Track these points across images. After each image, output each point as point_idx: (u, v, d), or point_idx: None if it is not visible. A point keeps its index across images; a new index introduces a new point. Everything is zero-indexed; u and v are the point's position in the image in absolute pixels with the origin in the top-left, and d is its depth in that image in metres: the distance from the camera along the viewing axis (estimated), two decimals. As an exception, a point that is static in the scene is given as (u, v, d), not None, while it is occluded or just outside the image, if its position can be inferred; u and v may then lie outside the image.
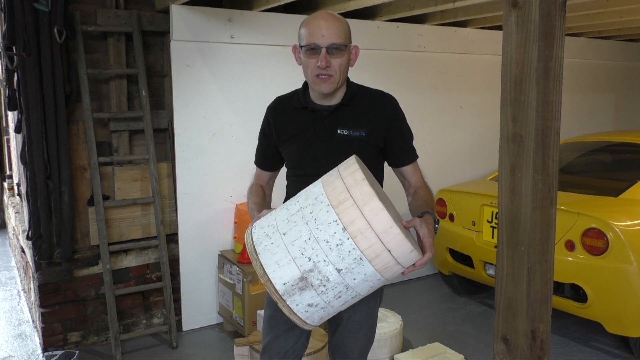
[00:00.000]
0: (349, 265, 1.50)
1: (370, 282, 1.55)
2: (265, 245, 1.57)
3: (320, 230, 1.51)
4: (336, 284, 1.51)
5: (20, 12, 3.13)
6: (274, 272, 1.53)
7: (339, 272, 1.50)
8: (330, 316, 1.64)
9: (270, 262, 1.54)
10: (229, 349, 3.54)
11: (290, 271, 1.52)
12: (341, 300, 1.57)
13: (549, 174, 1.27)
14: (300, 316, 1.56)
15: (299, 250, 1.52)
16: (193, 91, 3.71)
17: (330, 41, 1.78)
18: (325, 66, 1.78)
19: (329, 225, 1.51)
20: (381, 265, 1.51)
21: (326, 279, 1.51)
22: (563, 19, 1.24)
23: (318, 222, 1.52)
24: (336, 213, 1.51)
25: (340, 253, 1.49)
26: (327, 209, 1.53)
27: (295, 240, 1.54)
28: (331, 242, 1.50)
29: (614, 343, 3.66)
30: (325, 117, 1.90)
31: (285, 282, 1.52)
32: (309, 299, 1.53)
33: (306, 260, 1.51)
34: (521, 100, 1.25)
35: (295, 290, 1.52)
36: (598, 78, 6.33)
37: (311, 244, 1.51)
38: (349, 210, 1.51)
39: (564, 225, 3.31)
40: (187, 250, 3.82)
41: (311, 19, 1.84)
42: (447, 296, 4.52)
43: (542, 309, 1.31)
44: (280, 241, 1.56)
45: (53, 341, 3.56)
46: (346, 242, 1.49)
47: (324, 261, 1.50)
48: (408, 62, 4.64)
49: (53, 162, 3.32)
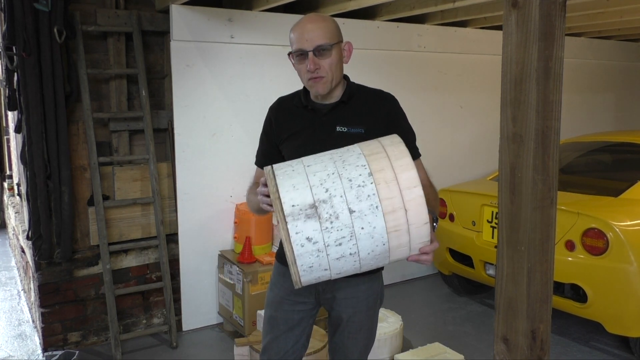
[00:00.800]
0: (363, 209, 1.46)
1: (374, 244, 1.49)
2: (285, 171, 1.54)
3: (346, 169, 1.50)
4: (343, 225, 1.46)
5: (20, 12, 3.13)
6: (286, 192, 1.48)
7: (350, 213, 1.46)
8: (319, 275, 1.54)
9: (287, 183, 1.50)
10: (229, 349, 3.54)
11: (304, 196, 1.47)
12: (339, 250, 1.49)
13: (549, 174, 1.27)
14: (294, 249, 1.47)
15: (319, 181, 1.49)
16: (193, 91, 3.71)
17: (315, 44, 1.79)
18: (314, 69, 1.80)
19: (356, 167, 1.50)
20: (393, 225, 1.47)
21: (336, 215, 1.46)
22: (563, 19, 1.24)
23: (346, 163, 1.51)
24: (366, 160, 1.50)
25: (358, 194, 1.46)
26: (358, 155, 1.53)
27: (317, 171, 1.51)
28: (354, 181, 1.47)
29: (614, 343, 3.66)
30: (324, 114, 1.91)
31: (295, 205, 1.47)
32: (311, 232, 1.46)
33: (323, 190, 1.47)
34: (521, 100, 1.25)
35: (302, 216, 1.46)
36: (598, 78, 6.33)
37: (333, 178, 1.49)
38: (380, 160, 1.50)
39: (564, 225, 3.31)
40: (187, 250, 3.82)
41: (297, 24, 1.87)
42: (447, 296, 4.52)
43: (542, 309, 1.31)
44: (302, 170, 1.53)
45: (53, 341, 3.56)
46: (368, 186, 1.47)
47: (341, 197, 1.47)
48: (408, 62, 4.64)
49: (53, 162, 3.32)
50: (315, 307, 2.03)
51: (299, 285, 1.56)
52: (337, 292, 1.95)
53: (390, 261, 1.58)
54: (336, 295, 1.96)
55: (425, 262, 1.60)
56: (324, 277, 1.56)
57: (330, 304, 1.99)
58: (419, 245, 1.54)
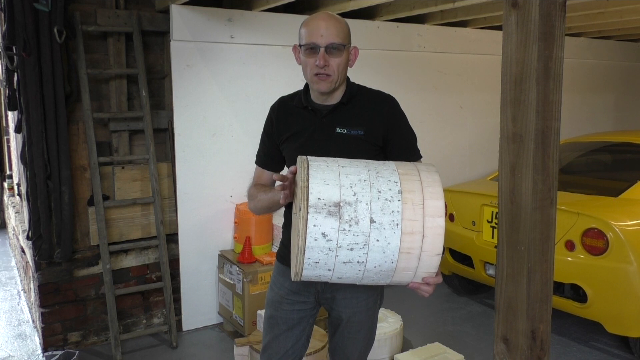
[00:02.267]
0: (383, 223, 1.49)
1: (384, 259, 1.51)
2: (319, 165, 1.57)
3: (378, 181, 1.53)
4: (360, 232, 1.48)
5: (20, 12, 3.13)
6: (316, 185, 1.50)
7: (371, 222, 1.48)
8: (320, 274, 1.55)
9: (318, 176, 1.53)
10: (229, 349, 3.54)
11: (332, 193, 1.50)
12: (349, 255, 1.50)
13: (549, 174, 1.27)
14: (307, 239, 1.48)
15: (350, 183, 1.52)
16: (193, 91, 3.71)
17: (329, 41, 1.80)
18: (323, 65, 1.80)
19: (389, 182, 1.53)
20: (407, 246, 1.49)
21: (356, 220, 1.48)
22: (563, 19, 1.24)
23: (379, 175, 1.55)
24: (399, 178, 1.54)
25: (384, 207, 1.49)
26: (392, 172, 1.57)
27: (351, 174, 1.55)
28: (382, 194, 1.51)
29: (614, 343, 3.66)
30: (324, 116, 1.91)
31: (321, 198, 1.49)
32: (328, 228, 1.48)
33: (351, 193, 1.50)
34: (521, 100, 1.25)
35: (324, 211, 1.48)
36: (598, 78, 6.33)
37: (364, 185, 1.52)
38: (412, 182, 1.54)
39: (564, 225, 3.31)
40: (187, 250, 3.82)
41: (311, 19, 1.86)
42: (447, 296, 4.52)
43: (542, 309, 1.31)
44: (337, 168, 1.56)
45: (53, 341, 3.56)
46: (395, 202, 1.50)
47: (366, 204, 1.49)
48: (408, 62, 4.64)
49: (53, 162, 3.32)
50: (315, 307, 2.03)
51: (298, 279, 1.56)
52: (337, 293, 1.95)
53: (391, 281, 1.59)
54: (336, 295, 1.96)
55: (425, 292, 1.61)
56: (324, 277, 1.57)
57: (330, 304, 1.99)
58: (424, 274, 1.56)
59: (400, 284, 1.61)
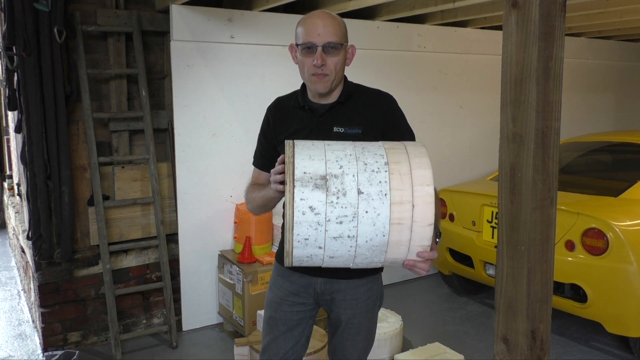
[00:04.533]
0: (371, 193, 1.47)
1: (375, 232, 1.48)
2: (305, 144, 1.57)
3: (364, 155, 1.53)
4: (348, 203, 1.47)
5: (20, 12, 3.13)
6: (301, 160, 1.50)
7: (359, 193, 1.47)
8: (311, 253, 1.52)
9: (304, 153, 1.53)
10: (229, 349, 3.54)
11: (317, 166, 1.50)
12: (338, 229, 1.47)
13: (549, 174, 1.27)
14: (295, 215, 1.47)
15: (335, 158, 1.52)
16: (193, 91, 3.71)
17: (326, 40, 1.79)
18: (321, 64, 1.79)
19: (375, 155, 1.53)
20: (397, 216, 1.47)
21: (343, 192, 1.47)
22: (563, 19, 1.24)
23: (365, 150, 1.55)
24: (385, 151, 1.54)
25: (371, 178, 1.48)
26: (379, 147, 1.58)
27: (336, 150, 1.55)
28: (369, 165, 1.50)
29: (614, 343, 3.66)
30: (321, 115, 1.90)
31: (306, 172, 1.48)
32: (315, 201, 1.46)
33: (337, 166, 1.50)
34: (521, 100, 1.25)
35: (310, 184, 1.47)
36: (598, 78, 6.33)
37: (350, 159, 1.52)
38: (399, 154, 1.53)
39: (564, 225, 3.31)
40: (187, 250, 3.82)
41: (307, 17, 1.85)
42: (447, 296, 4.52)
43: (542, 309, 1.31)
44: (322, 146, 1.57)
45: (53, 341, 3.56)
46: (382, 173, 1.49)
47: (353, 176, 1.48)
48: (408, 62, 4.64)
49: (53, 162, 3.32)
50: (315, 308, 2.03)
51: (290, 259, 1.52)
52: (336, 294, 1.95)
53: (385, 259, 1.55)
54: (335, 296, 1.95)
55: (421, 270, 1.59)
56: (316, 258, 1.53)
57: (329, 305, 1.99)
58: (418, 248, 1.52)
59: (395, 262, 1.58)
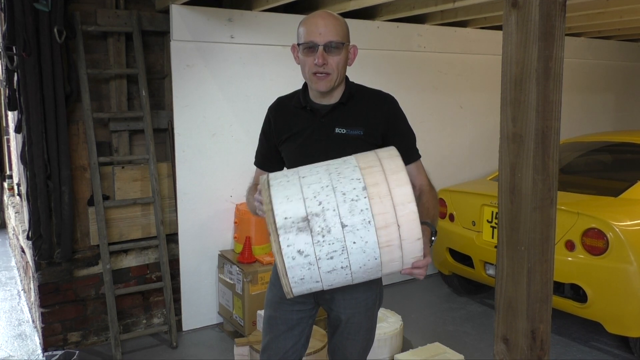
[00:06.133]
0: (355, 224, 1.46)
1: (366, 258, 1.48)
2: (280, 181, 1.54)
3: (341, 182, 1.50)
4: (335, 239, 1.46)
5: (20, 12, 3.13)
6: (279, 204, 1.48)
7: (343, 227, 1.46)
8: (310, 287, 1.54)
9: (280, 194, 1.50)
10: (229, 349, 3.54)
11: (297, 208, 1.47)
12: (331, 264, 1.48)
13: (549, 174, 1.27)
14: (285, 261, 1.47)
15: (313, 193, 1.49)
16: (193, 91, 3.71)
17: (327, 39, 1.79)
18: (322, 64, 1.79)
19: (351, 181, 1.50)
20: (385, 240, 1.46)
21: (328, 229, 1.46)
22: (563, 19, 1.24)
23: (341, 176, 1.52)
24: (361, 173, 1.51)
25: (352, 208, 1.46)
26: (354, 168, 1.53)
27: (312, 183, 1.52)
28: (347, 195, 1.48)
29: (614, 343, 3.66)
30: (323, 115, 1.90)
31: (287, 217, 1.47)
32: (302, 245, 1.46)
33: (316, 203, 1.47)
34: (521, 100, 1.25)
35: (293, 229, 1.46)
36: (598, 78, 6.33)
37: (327, 191, 1.49)
38: (375, 174, 1.50)
39: (564, 225, 3.31)
40: (187, 250, 3.82)
41: (309, 17, 1.85)
42: (447, 296, 4.52)
43: (542, 309, 1.31)
44: (297, 181, 1.53)
45: (53, 341, 3.56)
46: (362, 200, 1.46)
47: (333, 210, 1.46)
48: (408, 62, 4.64)
49: (53, 162, 3.32)
50: (315, 308, 2.03)
51: (291, 296, 1.56)
52: (336, 293, 1.95)
53: (383, 274, 1.57)
54: (335, 296, 1.95)
55: (418, 276, 1.60)
56: (316, 288, 1.56)
57: (329, 305, 1.99)
58: (411, 260, 1.54)
59: (392, 273, 1.59)
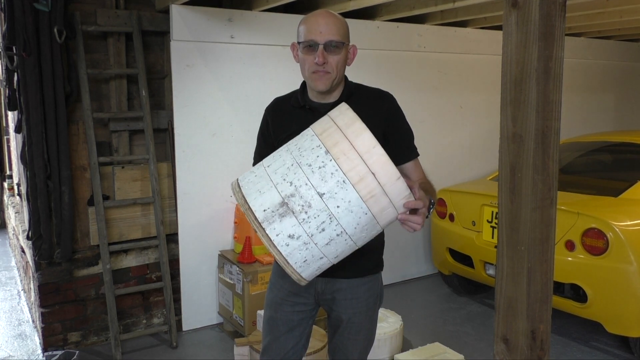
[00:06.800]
0: (332, 188, 1.44)
1: (356, 214, 1.46)
2: (249, 180, 1.54)
3: (303, 156, 1.48)
4: (318, 210, 1.44)
5: (20, 12, 3.13)
6: (254, 200, 1.47)
7: (321, 196, 1.44)
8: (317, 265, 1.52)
9: (252, 191, 1.49)
10: (229, 349, 3.54)
11: (271, 197, 1.46)
12: (325, 236, 1.46)
13: (549, 174, 1.27)
14: (281, 250, 1.45)
15: (281, 177, 1.48)
16: (193, 91, 3.71)
17: (328, 38, 1.79)
18: (322, 62, 1.79)
19: (312, 150, 1.48)
20: (366, 192, 1.45)
21: (307, 204, 1.44)
22: (563, 19, 1.24)
23: (302, 150, 1.50)
24: (320, 139, 1.49)
25: (322, 175, 1.44)
26: (312, 137, 1.52)
27: (278, 168, 1.50)
28: (313, 165, 1.46)
29: (614, 343, 3.66)
30: (322, 114, 1.90)
31: (266, 209, 1.45)
32: (290, 228, 1.44)
33: (287, 185, 1.46)
34: (521, 100, 1.25)
35: (275, 217, 1.44)
36: (598, 78, 6.33)
37: (293, 169, 1.47)
38: (332, 135, 1.48)
39: (564, 225, 3.31)
40: (187, 250, 3.82)
41: (310, 16, 1.86)
42: (447, 296, 4.52)
43: (542, 309, 1.31)
44: (264, 172, 1.52)
45: (53, 341, 3.56)
46: (329, 164, 1.45)
47: (306, 184, 1.45)
48: (408, 62, 4.64)
49: (53, 162, 3.32)
50: (315, 308, 2.03)
51: (304, 282, 1.54)
52: (337, 293, 1.95)
53: (382, 226, 1.55)
54: (336, 296, 1.95)
55: (415, 223, 1.57)
56: (325, 265, 1.54)
57: (330, 305, 1.99)
58: (402, 201, 1.51)
59: (391, 222, 1.57)
